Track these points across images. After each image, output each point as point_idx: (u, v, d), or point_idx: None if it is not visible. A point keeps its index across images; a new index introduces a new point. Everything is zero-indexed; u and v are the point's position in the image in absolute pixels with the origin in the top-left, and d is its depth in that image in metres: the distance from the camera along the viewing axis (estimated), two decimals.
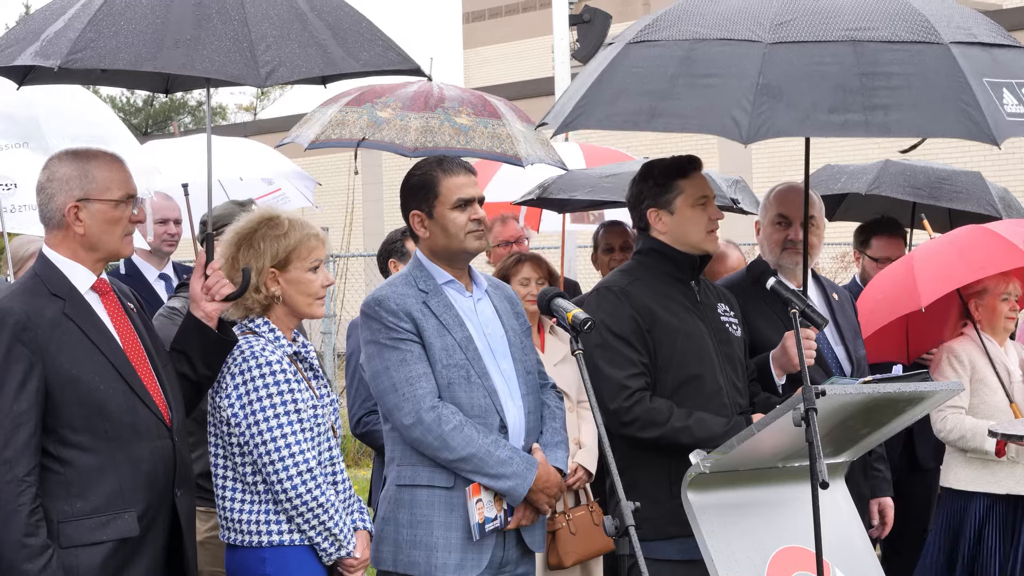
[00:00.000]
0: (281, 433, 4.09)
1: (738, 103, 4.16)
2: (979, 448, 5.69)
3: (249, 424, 4.11)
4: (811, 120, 4.17)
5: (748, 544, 4.27)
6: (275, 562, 4.13)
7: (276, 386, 4.13)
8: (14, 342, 3.72)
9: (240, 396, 4.13)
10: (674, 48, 4.42)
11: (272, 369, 4.14)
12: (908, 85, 4.19)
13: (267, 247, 4.23)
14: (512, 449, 4.27)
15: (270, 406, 4.11)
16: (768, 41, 4.27)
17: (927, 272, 5.82)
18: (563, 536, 5.58)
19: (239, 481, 4.18)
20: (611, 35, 10.97)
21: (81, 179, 3.90)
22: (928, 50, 4.26)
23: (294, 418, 4.13)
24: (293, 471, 4.09)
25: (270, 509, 4.15)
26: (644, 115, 4.36)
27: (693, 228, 4.65)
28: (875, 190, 7.32)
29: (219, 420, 4.19)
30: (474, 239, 4.37)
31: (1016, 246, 5.65)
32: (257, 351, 4.16)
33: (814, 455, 3.91)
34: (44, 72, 4.48)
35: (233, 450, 4.17)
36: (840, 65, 4.21)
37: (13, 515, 3.64)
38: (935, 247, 6.07)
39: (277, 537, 4.13)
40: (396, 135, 6.16)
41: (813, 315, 4.44)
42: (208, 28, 4.23)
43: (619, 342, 4.53)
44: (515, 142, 6.29)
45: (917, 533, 6.49)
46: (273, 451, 4.09)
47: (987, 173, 7.93)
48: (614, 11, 13.51)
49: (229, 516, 4.19)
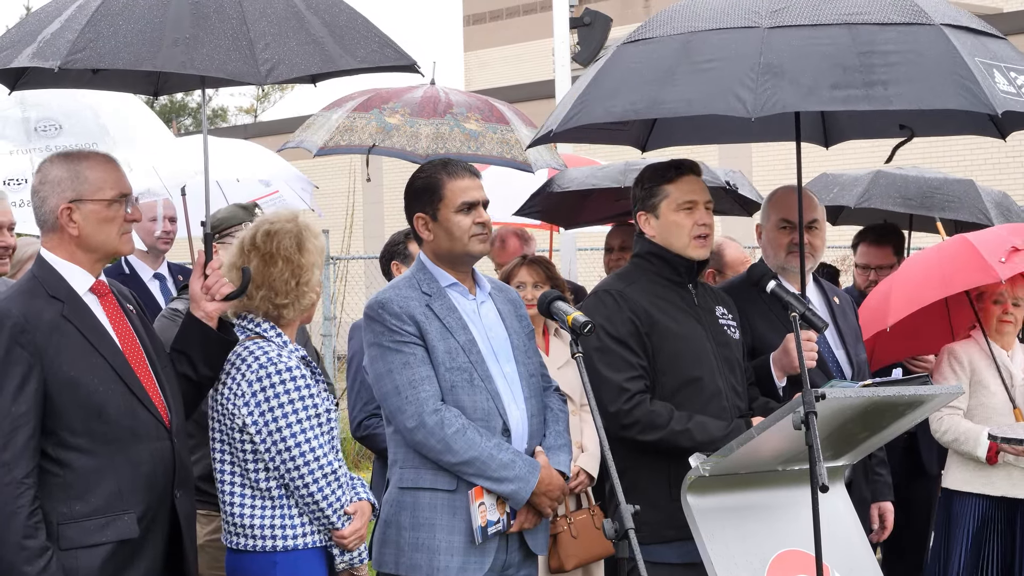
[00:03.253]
0: (305, 438, 4.11)
1: (741, 82, 4.21)
2: (971, 453, 5.72)
3: (270, 431, 4.11)
4: (815, 95, 4.22)
5: (748, 547, 4.26)
6: (286, 566, 4.14)
7: (297, 391, 4.13)
8: (12, 344, 3.72)
9: (260, 403, 4.12)
10: (669, 43, 4.48)
11: (292, 375, 4.14)
12: (905, 62, 4.27)
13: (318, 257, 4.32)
14: (515, 452, 4.26)
15: (291, 411, 4.11)
16: (766, 26, 4.34)
17: (903, 287, 5.85)
18: (564, 539, 5.56)
19: (248, 487, 4.17)
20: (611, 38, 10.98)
21: (73, 180, 3.90)
22: (921, 30, 4.35)
23: (315, 422, 4.14)
24: (319, 474, 4.11)
25: (284, 514, 4.15)
26: (645, 103, 4.39)
27: (676, 233, 4.65)
28: (864, 203, 7.33)
29: (230, 427, 4.17)
30: (478, 242, 4.37)
31: (988, 264, 5.61)
32: (273, 357, 4.16)
33: (814, 458, 3.90)
34: (38, 75, 4.46)
35: (246, 456, 4.16)
36: (837, 46, 4.28)
37: (12, 517, 3.64)
38: (921, 259, 6.08)
39: (292, 542, 4.14)
40: (407, 142, 6.17)
41: (813, 318, 4.44)
42: (206, 27, 4.23)
43: (618, 345, 4.53)
44: (523, 148, 6.31)
45: (917, 537, 6.49)
46: (298, 456, 4.10)
47: (986, 177, 7.93)
48: (615, 14, 13.50)
49: (236, 521, 4.18)
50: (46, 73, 4.28)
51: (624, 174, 6.78)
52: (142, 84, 5.03)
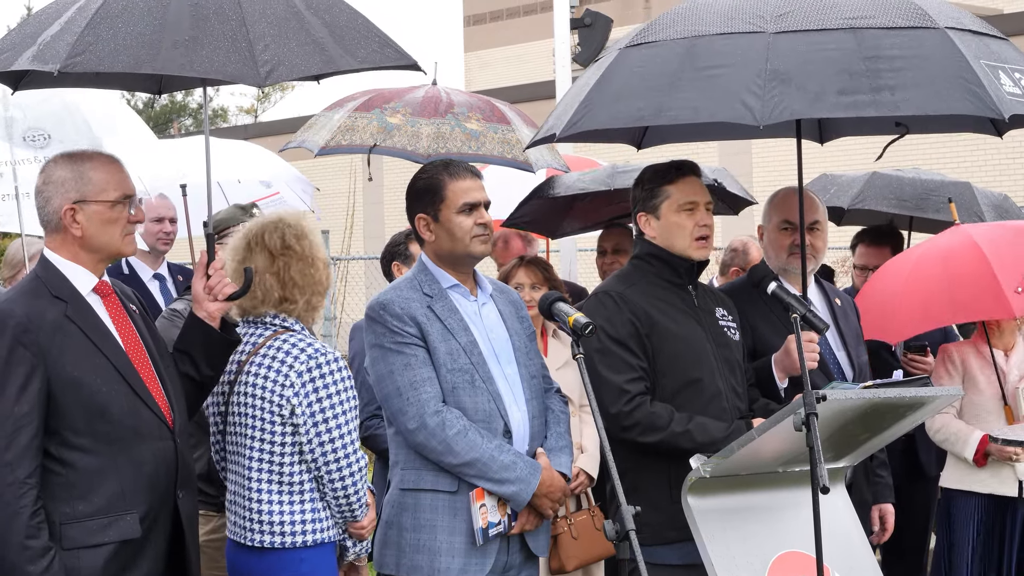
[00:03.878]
0: (348, 430, 4.21)
1: (748, 89, 4.19)
2: (959, 454, 5.78)
3: (316, 422, 4.16)
4: (822, 102, 4.21)
5: (748, 549, 4.26)
6: (311, 561, 4.21)
7: (343, 382, 4.22)
8: (15, 345, 3.72)
9: (308, 394, 4.17)
10: (673, 47, 4.45)
11: (340, 365, 4.23)
12: (911, 67, 4.26)
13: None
14: (516, 454, 4.26)
15: (339, 403, 4.19)
16: (772, 31, 4.32)
17: (910, 301, 5.74)
18: (565, 540, 5.56)
19: (275, 483, 4.21)
20: (612, 39, 10.98)
21: (77, 181, 3.90)
22: (926, 34, 4.34)
23: (353, 415, 4.23)
24: (355, 467, 4.21)
25: (313, 508, 4.22)
26: (651, 110, 4.38)
27: (678, 233, 4.65)
28: (858, 204, 7.32)
29: (270, 420, 4.19)
30: (479, 243, 4.37)
31: (1004, 295, 5.51)
32: (320, 349, 4.23)
33: (815, 460, 3.90)
34: (40, 76, 4.46)
35: (283, 449, 4.20)
36: (843, 51, 4.27)
37: (15, 517, 3.64)
38: (928, 267, 5.89)
39: (321, 535, 4.22)
40: (408, 141, 6.17)
41: (814, 320, 4.44)
42: (206, 28, 4.23)
43: (618, 347, 4.53)
44: (524, 147, 6.30)
45: (917, 539, 6.49)
46: (340, 448, 4.18)
47: (986, 178, 7.92)
48: (615, 15, 13.51)
49: (266, 519, 4.20)
50: (47, 75, 4.28)
51: (612, 177, 6.76)
52: (145, 83, 5.03)
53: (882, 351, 6.33)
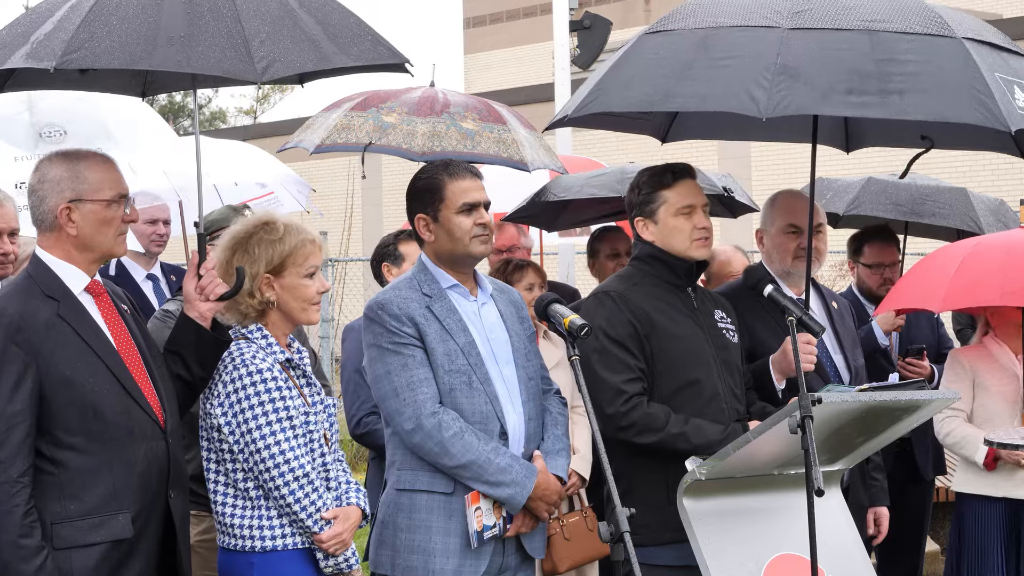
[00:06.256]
0: (275, 440, 4.07)
1: (756, 81, 4.20)
2: (970, 457, 5.75)
3: (242, 432, 4.09)
4: (829, 99, 4.21)
5: (743, 551, 4.26)
6: (263, 567, 4.11)
7: (267, 393, 4.11)
8: (8, 343, 3.71)
9: (232, 404, 4.11)
10: (689, 36, 4.47)
11: (263, 376, 4.11)
12: (923, 72, 4.25)
13: (262, 252, 4.22)
14: (512, 457, 4.25)
15: (262, 413, 4.09)
16: (787, 27, 4.33)
17: (964, 277, 5.61)
18: (557, 542, 5.55)
19: (231, 486, 4.17)
20: (611, 41, 10.98)
21: (72, 180, 3.89)
22: (942, 42, 4.33)
23: (286, 424, 4.11)
24: (290, 477, 4.07)
25: (262, 515, 4.13)
26: (660, 96, 4.39)
27: (677, 237, 4.66)
28: (854, 210, 7.32)
29: (210, 426, 4.18)
30: (479, 243, 4.37)
31: None
32: (247, 358, 4.14)
33: (810, 462, 3.90)
34: (28, 76, 4.43)
35: (224, 456, 4.16)
36: (856, 51, 4.27)
37: (8, 516, 3.63)
38: (990, 253, 5.76)
39: (271, 543, 4.11)
40: (403, 140, 6.17)
41: (810, 322, 4.44)
42: (201, 25, 4.21)
43: (616, 347, 4.53)
44: (520, 147, 6.31)
45: (912, 542, 6.48)
46: (268, 459, 4.07)
47: (984, 184, 7.91)
48: (615, 17, 13.52)
49: (223, 520, 4.18)
50: (34, 74, 4.26)
51: (621, 182, 6.75)
52: (129, 85, 4.98)
53: (878, 355, 6.34)
